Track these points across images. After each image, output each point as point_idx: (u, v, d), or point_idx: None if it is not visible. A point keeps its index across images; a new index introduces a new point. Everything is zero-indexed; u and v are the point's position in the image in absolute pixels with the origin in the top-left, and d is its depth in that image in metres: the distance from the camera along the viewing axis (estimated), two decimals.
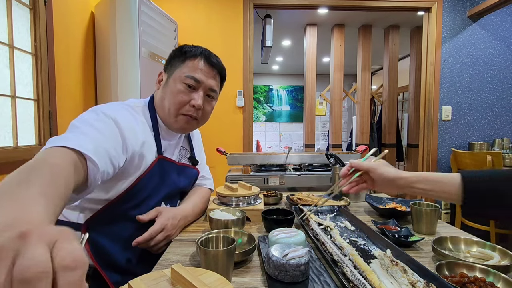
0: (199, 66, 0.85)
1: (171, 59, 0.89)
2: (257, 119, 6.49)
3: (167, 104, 0.85)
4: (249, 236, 0.74)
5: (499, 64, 2.67)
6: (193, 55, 0.86)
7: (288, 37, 4.05)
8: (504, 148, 2.53)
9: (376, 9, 2.67)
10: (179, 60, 0.86)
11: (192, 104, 0.85)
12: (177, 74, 0.85)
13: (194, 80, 0.84)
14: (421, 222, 0.85)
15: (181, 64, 0.86)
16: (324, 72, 5.20)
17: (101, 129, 0.69)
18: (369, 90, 3.60)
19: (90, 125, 0.68)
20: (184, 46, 0.89)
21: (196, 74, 0.85)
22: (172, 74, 0.86)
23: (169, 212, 0.83)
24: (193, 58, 0.86)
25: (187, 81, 0.84)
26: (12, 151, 1.39)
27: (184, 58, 0.86)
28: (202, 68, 0.86)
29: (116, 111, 0.77)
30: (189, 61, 0.85)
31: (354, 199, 1.22)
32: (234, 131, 2.63)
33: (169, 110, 0.85)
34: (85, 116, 0.72)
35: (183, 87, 0.84)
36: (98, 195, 0.78)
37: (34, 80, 1.57)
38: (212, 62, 0.88)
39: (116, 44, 1.93)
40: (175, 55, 0.88)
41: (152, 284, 0.46)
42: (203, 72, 0.86)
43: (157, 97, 0.89)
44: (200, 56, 0.86)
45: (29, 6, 1.54)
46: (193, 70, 0.85)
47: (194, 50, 0.87)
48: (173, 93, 0.84)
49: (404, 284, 0.52)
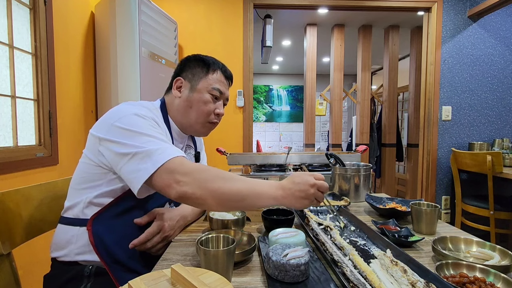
0: (221, 79, 0.95)
1: (190, 68, 0.94)
2: (257, 119, 6.49)
3: (195, 112, 0.92)
4: (249, 236, 0.74)
5: (499, 64, 2.67)
6: (215, 68, 0.94)
7: (288, 37, 4.05)
8: (504, 148, 2.53)
9: (376, 9, 2.67)
10: (202, 71, 0.93)
11: (217, 113, 0.95)
12: (203, 85, 0.92)
13: (219, 92, 0.94)
14: (421, 222, 0.85)
15: (205, 75, 0.93)
16: (324, 72, 5.21)
17: (155, 133, 0.77)
18: (369, 90, 3.60)
19: (151, 130, 0.77)
20: (204, 57, 0.95)
21: (220, 87, 0.94)
22: (198, 84, 0.92)
23: (167, 214, 0.84)
24: (215, 70, 0.94)
25: (213, 93, 0.93)
26: (12, 151, 1.39)
27: (207, 70, 0.93)
28: (223, 81, 0.96)
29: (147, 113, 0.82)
30: (212, 73, 0.93)
31: (354, 199, 1.22)
32: (234, 131, 2.63)
33: (197, 117, 0.93)
34: (133, 121, 0.76)
35: (210, 98, 0.93)
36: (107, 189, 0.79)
37: (34, 80, 1.57)
38: (228, 75, 0.99)
39: (116, 44, 1.93)
40: (196, 65, 0.94)
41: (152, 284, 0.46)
42: (224, 85, 0.96)
43: (176, 103, 0.94)
44: (220, 69, 0.95)
45: (29, 6, 1.54)
46: (217, 82, 0.94)
47: (215, 63, 0.95)
48: (201, 102, 0.92)
49: (404, 284, 0.52)
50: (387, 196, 1.15)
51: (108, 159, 0.76)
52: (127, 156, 0.72)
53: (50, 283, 0.81)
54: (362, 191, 1.22)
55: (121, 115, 0.77)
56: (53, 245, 0.82)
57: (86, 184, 0.80)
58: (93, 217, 0.78)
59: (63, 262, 0.79)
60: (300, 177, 0.70)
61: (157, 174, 0.69)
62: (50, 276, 0.82)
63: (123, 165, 0.72)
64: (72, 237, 0.78)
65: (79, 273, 0.77)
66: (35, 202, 0.87)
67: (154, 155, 0.70)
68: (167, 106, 0.95)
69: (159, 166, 0.69)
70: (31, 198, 0.86)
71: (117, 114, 0.77)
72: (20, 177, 1.41)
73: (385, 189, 3.76)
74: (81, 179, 0.81)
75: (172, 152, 0.72)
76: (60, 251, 0.80)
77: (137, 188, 0.70)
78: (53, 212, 0.91)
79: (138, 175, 0.70)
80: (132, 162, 0.71)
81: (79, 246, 0.78)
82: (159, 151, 0.71)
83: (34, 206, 0.87)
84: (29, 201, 0.85)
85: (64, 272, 0.79)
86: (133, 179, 0.71)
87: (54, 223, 0.87)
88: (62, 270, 0.79)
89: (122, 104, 0.84)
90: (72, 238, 0.78)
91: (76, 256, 0.78)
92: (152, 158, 0.70)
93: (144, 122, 0.77)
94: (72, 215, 0.81)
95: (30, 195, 0.86)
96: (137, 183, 0.70)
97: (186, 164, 0.71)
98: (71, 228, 0.79)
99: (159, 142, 0.74)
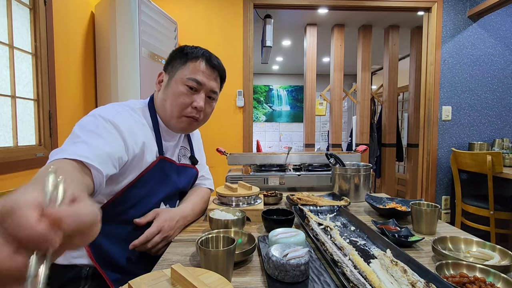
0: (200, 68, 0.86)
1: (171, 60, 0.89)
2: (257, 119, 6.49)
3: (169, 106, 0.86)
4: (249, 236, 0.74)
5: (499, 64, 2.67)
6: (194, 57, 0.86)
7: (288, 37, 4.05)
8: (504, 148, 2.53)
9: (376, 9, 2.67)
10: (180, 62, 0.86)
11: (194, 106, 0.86)
12: (178, 76, 0.85)
13: (196, 82, 0.85)
14: (421, 222, 0.85)
15: (183, 65, 0.86)
16: (324, 72, 5.20)
17: (101, 133, 0.71)
18: (369, 90, 3.60)
19: (89, 131, 0.70)
20: (185, 47, 0.88)
21: (197, 76, 0.85)
22: (174, 76, 0.86)
23: (167, 214, 0.83)
24: (195, 59, 0.86)
25: (189, 83, 0.84)
26: (12, 151, 1.39)
27: (186, 60, 0.86)
28: (204, 70, 0.86)
29: (115, 114, 0.77)
30: (191, 63, 0.85)
31: (354, 199, 1.22)
32: (234, 131, 2.63)
33: (171, 111, 0.86)
34: (84, 121, 0.73)
35: (185, 89, 0.84)
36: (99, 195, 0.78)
37: (34, 80, 1.57)
38: (213, 64, 0.88)
39: (116, 44, 1.93)
40: (176, 56, 0.88)
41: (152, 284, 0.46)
42: (205, 74, 0.86)
43: (158, 98, 0.89)
44: (201, 58, 0.86)
45: (29, 6, 1.54)
46: (194, 72, 0.85)
47: (196, 51, 0.87)
48: (175, 95, 0.85)
49: (404, 284, 0.52)
50: (387, 196, 1.15)
51: None
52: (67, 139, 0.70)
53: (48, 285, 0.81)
54: (362, 191, 1.22)
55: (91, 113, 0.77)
56: None
57: None
58: None
59: (60, 265, 0.79)
60: None
61: None
62: None
63: None
64: None
65: (76, 275, 0.77)
66: None
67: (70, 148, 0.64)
68: (154, 103, 0.91)
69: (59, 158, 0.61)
70: None
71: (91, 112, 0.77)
72: (20, 177, 1.41)
73: (385, 189, 3.76)
74: None
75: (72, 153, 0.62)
76: None
77: None
78: None
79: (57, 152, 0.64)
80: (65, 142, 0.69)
81: None
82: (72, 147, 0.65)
83: None
84: None
85: (61, 274, 0.78)
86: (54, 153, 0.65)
87: None
88: (60, 273, 0.79)
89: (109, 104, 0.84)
90: None
91: (73, 259, 0.78)
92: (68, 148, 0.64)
93: (95, 123, 0.73)
94: None
95: None
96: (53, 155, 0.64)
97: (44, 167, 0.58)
98: None
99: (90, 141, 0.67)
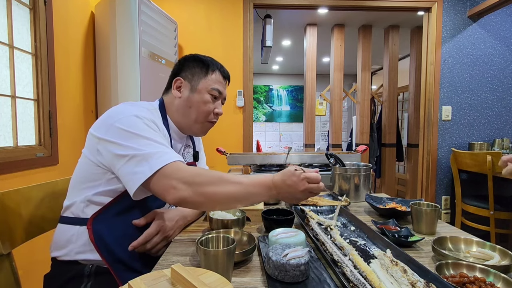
0: (219, 79, 0.96)
1: (188, 68, 0.95)
2: (257, 119, 6.49)
3: (195, 112, 0.94)
4: (249, 236, 0.74)
5: (499, 64, 2.67)
6: (214, 69, 0.96)
7: (288, 37, 4.05)
8: (504, 148, 2.53)
9: (376, 9, 2.67)
10: (201, 72, 0.94)
11: (216, 113, 0.97)
12: (202, 85, 0.93)
13: (218, 92, 0.95)
14: (421, 222, 0.85)
15: (205, 76, 0.94)
16: (324, 72, 5.20)
17: (157, 135, 0.78)
18: (369, 90, 3.60)
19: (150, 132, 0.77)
20: (202, 57, 0.96)
21: (219, 87, 0.96)
22: (198, 85, 0.93)
23: (166, 214, 0.84)
24: (214, 71, 0.95)
25: (213, 93, 0.94)
26: (12, 151, 1.39)
27: (207, 71, 0.94)
28: (221, 81, 0.97)
29: (148, 114, 0.83)
30: (211, 73, 0.95)
31: (354, 199, 1.22)
32: (234, 131, 2.63)
33: (196, 117, 0.94)
34: (132, 122, 0.76)
35: (210, 98, 0.94)
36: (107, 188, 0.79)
37: (34, 80, 1.57)
38: (226, 75, 1.00)
39: (116, 44, 1.93)
40: (195, 65, 0.95)
41: (152, 284, 0.46)
42: (222, 85, 0.97)
43: (176, 103, 0.95)
44: (218, 69, 0.96)
45: (29, 6, 1.54)
46: (216, 83, 0.95)
47: (214, 63, 0.97)
48: (202, 103, 0.93)
49: (404, 284, 0.52)
50: (387, 196, 1.15)
51: (106, 159, 0.76)
52: (125, 157, 0.72)
53: (50, 283, 0.81)
54: (362, 191, 1.22)
55: (120, 115, 0.77)
56: (53, 245, 0.82)
57: (85, 183, 0.80)
58: (94, 216, 0.78)
59: (63, 261, 0.79)
60: (289, 173, 0.74)
61: (154, 178, 0.70)
62: (50, 276, 0.82)
63: (121, 167, 0.73)
64: (72, 236, 0.78)
65: (79, 272, 0.77)
66: (35, 202, 0.87)
67: (152, 159, 0.71)
68: (166, 106, 0.96)
69: (156, 170, 0.70)
70: (31, 198, 0.86)
71: (117, 115, 0.77)
72: (20, 177, 1.41)
73: (385, 189, 3.76)
74: (81, 178, 0.81)
75: (169, 157, 0.73)
76: (60, 251, 0.80)
77: (133, 190, 0.71)
78: (53, 212, 0.91)
79: (135, 178, 0.70)
80: (130, 164, 0.72)
81: (79, 245, 0.78)
82: (157, 155, 0.72)
83: (34, 206, 0.87)
84: (29, 201, 0.85)
85: (64, 272, 0.79)
86: (129, 181, 0.72)
87: (54, 223, 0.87)
88: (62, 270, 0.79)
89: (122, 104, 0.84)
90: (72, 237, 0.78)
91: (76, 255, 0.78)
92: (149, 162, 0.71)
93: (144, 124, 0.77)
94: (72, 214, 0.81)
95: (30, 195, 0.86)
96: (133, 185, 0.71)
97: (182, 169, 0.72)
98: (71, 227, 0.79)
99: (157, 146, 0.74)
